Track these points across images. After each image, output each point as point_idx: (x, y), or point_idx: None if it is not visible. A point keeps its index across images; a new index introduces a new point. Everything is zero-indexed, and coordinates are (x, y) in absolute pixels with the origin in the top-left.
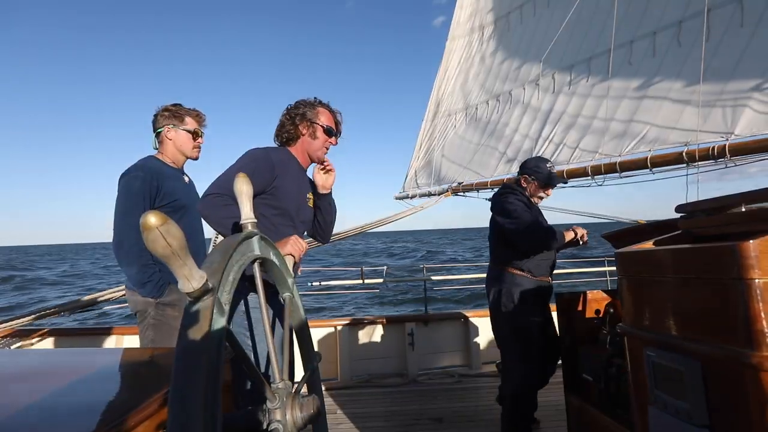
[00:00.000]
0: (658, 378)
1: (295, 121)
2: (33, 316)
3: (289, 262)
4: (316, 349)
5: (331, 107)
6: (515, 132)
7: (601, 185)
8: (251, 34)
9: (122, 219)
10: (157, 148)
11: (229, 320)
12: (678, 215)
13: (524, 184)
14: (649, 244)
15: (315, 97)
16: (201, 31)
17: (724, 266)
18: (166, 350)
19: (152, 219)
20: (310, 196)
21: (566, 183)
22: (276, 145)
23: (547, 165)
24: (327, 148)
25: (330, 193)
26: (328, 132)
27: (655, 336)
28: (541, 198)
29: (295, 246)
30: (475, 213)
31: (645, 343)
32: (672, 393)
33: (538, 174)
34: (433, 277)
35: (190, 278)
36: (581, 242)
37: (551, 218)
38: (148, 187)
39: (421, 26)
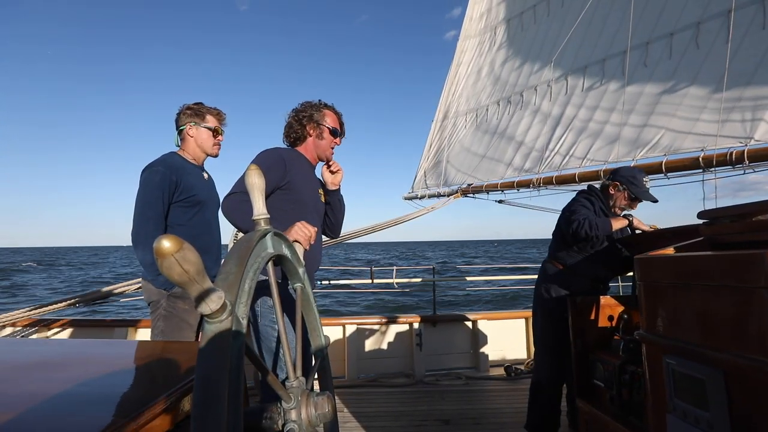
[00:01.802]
0: (677, 386)
1: (302, 122)
2: (49, 307)
3: (299, 249)
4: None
5: (335, 109)
6: (526, 133)
7: None
8: (263, 51)
9: (141, 211)
10: (178, 145)
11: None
12: (700, 221)
13: (612, 191)
14: (669, 251)
15: (319, 100)
16: (213, 41)
17: (751, 274)
18: (183, 344)
19: (166, 245)
20: (321, 192)
21: (656, 201)
22: (285, 146)
23: (644, 179)
24: (332, 148)
25: (339, 189)
26: (334, 133)
27: (676, 343)
28: (623, 209)
29: (300, 231)
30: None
31: (664, 351)
32: (692, 402)
33: (632, 186)
34: (443, 279)
35: (208, 301)
36: (634, 229)
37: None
38: (168, 181)
39: (433, 40)
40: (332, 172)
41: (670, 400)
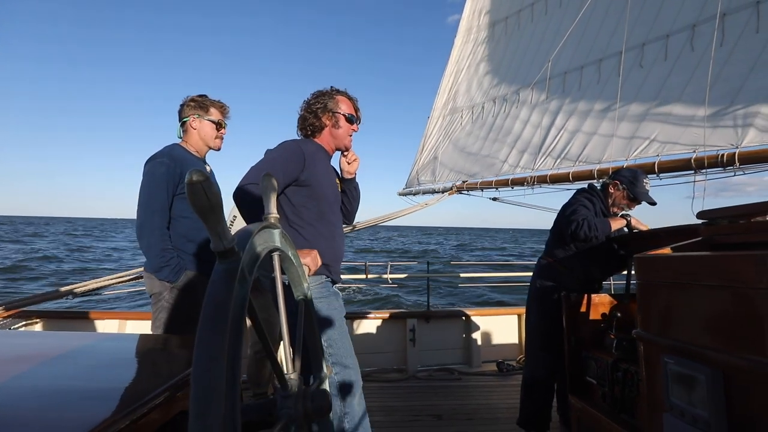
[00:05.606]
0: (674, 385)
1: (317, 113)
2: (35, 298)
3: (306, 271)
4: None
5: (349, 95)
6: (521, 132)
7: None
8: (264, 27)
9: (146, 203)
10: (181, 137)
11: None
12: (699, 221)
13: (611, 190)
14: (666, 250)
15: (331, 87)
16: (212, 25)
17: (752, 275)
18: (180, 338)
19: (195, 175)
20: (337, 182)
21: (655, 204)
22: (300, 137)
23: (644, 180)
24: (350, 135)
25: (354, 178)
26: (350, 120)
27: (674, 343)
28: (622, 209)
29: (315, 260)
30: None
31: (662, 350)
32: (690, 401)
33: (632, 186)
34: (437, 275)
35: (222, 237)
36: (631, 228)
37: (547, 220)
38: (172, 173)
39: (435, 24)
40: (350, 162)
41: (666, 399)
